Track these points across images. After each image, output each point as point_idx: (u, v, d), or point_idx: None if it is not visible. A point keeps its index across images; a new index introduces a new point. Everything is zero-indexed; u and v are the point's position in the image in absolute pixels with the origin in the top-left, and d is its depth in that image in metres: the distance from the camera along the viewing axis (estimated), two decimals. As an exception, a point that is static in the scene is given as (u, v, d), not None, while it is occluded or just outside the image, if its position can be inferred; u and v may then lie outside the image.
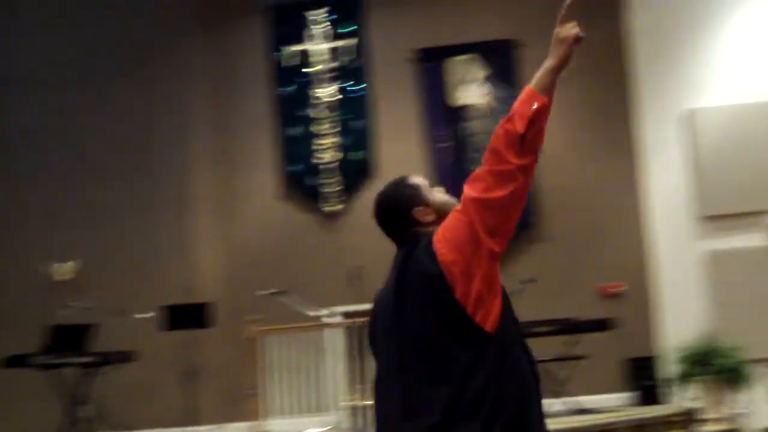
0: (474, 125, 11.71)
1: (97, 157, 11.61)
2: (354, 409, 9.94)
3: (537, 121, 3.04)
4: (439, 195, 3.34)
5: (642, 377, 10.59)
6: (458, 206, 3.05)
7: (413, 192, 3.35)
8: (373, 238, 11.63)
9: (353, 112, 11.81)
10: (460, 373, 2.89)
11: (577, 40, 3.07)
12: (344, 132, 11.79)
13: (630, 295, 11.09)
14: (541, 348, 9.65)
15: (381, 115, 11.78)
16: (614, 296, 11.05)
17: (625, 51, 11.60)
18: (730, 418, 9.51)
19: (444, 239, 2.99)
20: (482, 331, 2.95)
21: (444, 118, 11.74)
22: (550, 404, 9.58)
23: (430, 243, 3.01)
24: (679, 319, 10.75)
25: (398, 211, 3.28)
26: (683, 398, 9.98)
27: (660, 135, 11.35)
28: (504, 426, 2.88)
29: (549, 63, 3.13)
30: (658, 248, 11.12)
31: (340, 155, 11.76)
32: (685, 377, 9.94)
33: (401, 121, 11.73)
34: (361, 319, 10.06)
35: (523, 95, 3.06)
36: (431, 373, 2.93)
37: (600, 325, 9.95)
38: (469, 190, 3.02)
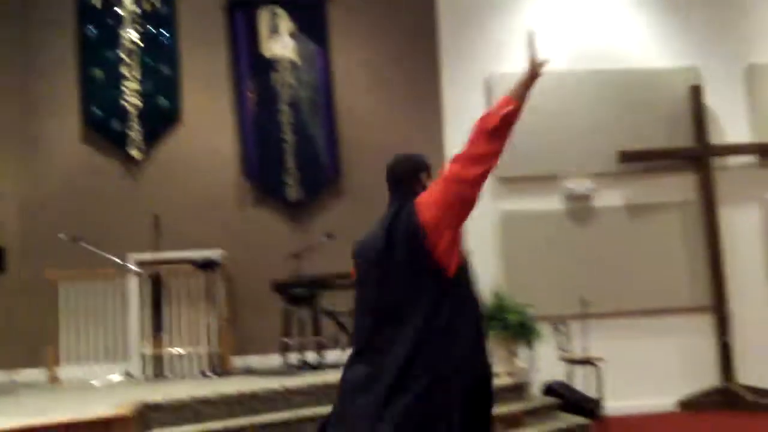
0: (281, 77, 11.69)
1: None
2: (150, 357, 9.88)
3: (509, 118, 3.93)
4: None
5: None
6: (440, 178, 3.96)
7: (426, 163, 4.38)
8: (174, 187, 11.59)
9: (160, 58, 11.58)
10: (431, 301, 3.86)
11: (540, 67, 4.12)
12: (150, 78, 11.54)
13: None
14: (341, 300, 9.90)
15: (188, 61, 11.59)
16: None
17: (434, 14, 11.87)
18: (517, 372, 9.94)
19: (425, 201, 3.95)
20: (445, 273, 3.88)
21: (252, 69, 11.67)
22: (345, 354, 9.81)
23: (413, 203, 4.00)
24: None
25: (411, 170, 4.31)
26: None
27: (464, 98, 11.69)
28: (463, 348, 3.91)
29: (524, 79, 4.05)
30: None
31: (144, 101, 11.52)
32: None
33: (208, 69, 11.60)
34: (159, 267, 10.00)
35: (501, 100, 3.94)
36: (405, 305, 3.89)
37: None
38: (450, 167, 3.93)
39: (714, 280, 11.45)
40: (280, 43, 11.75)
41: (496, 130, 3.91)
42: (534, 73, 4.08)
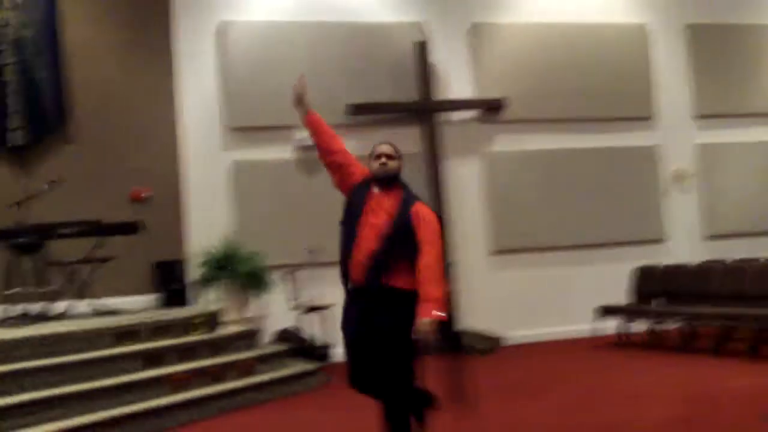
0: (1, 16, 11.09)
1: None
2: None
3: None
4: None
5: (168, 280, 10.89)
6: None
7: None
8: None
9: None
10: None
11: None
12: None
13: (159, 200, 11.24)
14: (68, 249, 9.63)
15: None
16: (143, 200, 11.14)
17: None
18: (249, 320, 10.08)
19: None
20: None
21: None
22: (74, 305, 9.61)
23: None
24: (205, 226, 11.16)
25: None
26: (207, 301, 10.41)
27: (195, 46, 11.60)
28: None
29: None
30: (188, 156, 11.41)
31: None
32: (209, 281, 10.38)
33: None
34: None
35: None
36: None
37: (127, 228, 10.04)
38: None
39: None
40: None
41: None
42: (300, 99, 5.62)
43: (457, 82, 12.56)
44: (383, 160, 5.19)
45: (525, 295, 12.37)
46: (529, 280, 12.47)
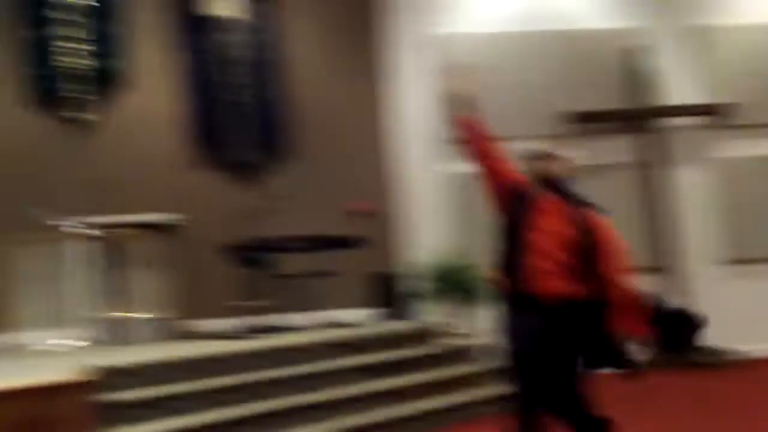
0: (227, 37, 11.61)
1: None
2: (105, 322, 9.84)
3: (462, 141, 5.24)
4: None
5: (387, 293, 11.00)
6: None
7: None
8: (124, 151, 11.41)
9: (107, 17, 11.40)
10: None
11: None
12: (97, 38, 11.35)
13: (377, 214, 11.40)
14: (291, 264, 9.90)
15: (136, 22, 11.40)
16: (362, 214, 11.34)
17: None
18: (467, 333, 10.06)
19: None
20: None
21: (200, 29, 11.56)
22: (301, 318, 9.88)
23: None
24: (425, 238, 11.24)
25: None
26: (426, 314, 10.47)
27: (406, 57, 11.72)
28: None
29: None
30: (405, 168, 11.53)
31: (91, 62, 11.36)
32: (428, 294, 10.44)
33: (156, 30, 11.42)
34: (113, 231, 9.92)
35: None
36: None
37: (349, 242, 10.21)
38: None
39: (668, 240, 11.61)
40: (228, 2, 11.65)
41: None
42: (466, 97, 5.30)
43: (678, 87, 12.13)
44: (545, 160, 4.99)
45: (761, 307, 11.80)
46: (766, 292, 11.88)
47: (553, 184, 4.93)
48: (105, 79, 11.29)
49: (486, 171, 5.08)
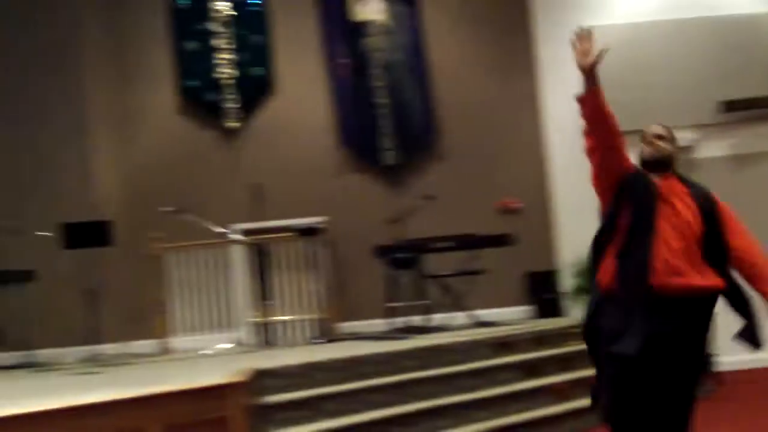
0: (373, 41, 11.66)
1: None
2: (258, 325, 10.01)
3: (584, 117, 4.61)
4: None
5: (540, 291, 10.86)
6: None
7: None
8: (271, 157, 11.62)
9: (251, 26, 11.63)
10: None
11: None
12: (242, 47, 11.60)
13: (528, 211, 11.28)
14: (442, 263, 9.86)
15: (280, 30, 11.60)
16: (513, 212, 11.23)
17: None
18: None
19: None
20: None
21: (343, 34, 11.65)
22: (451, 317, 9.82)
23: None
24: (575, 235, 10.99)
25: None
26: (579, 311, 10.27)
27: (558, 53, 11.47)
28: None
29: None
30: (555, 165, 11.33)
31: (238, 71, 11.60)
32: (582, 290, 10.22)
33: (300, 37, 11.59)
34: (263, 236, 10.08)
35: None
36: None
37: (499, 240, 10.10)
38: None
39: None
40: (371, 6, 11.70)
41: (585, 131, 4.58)
42: (586, 66, 4.65)
43: None
44: (656, 141, 4.51)
45: None
46: None
47: (662, 165, 4.46)
48: (251, 87, 11.50)
49: (606, 148, 4.41)
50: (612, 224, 4.32)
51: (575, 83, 11.13)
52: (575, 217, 11.13)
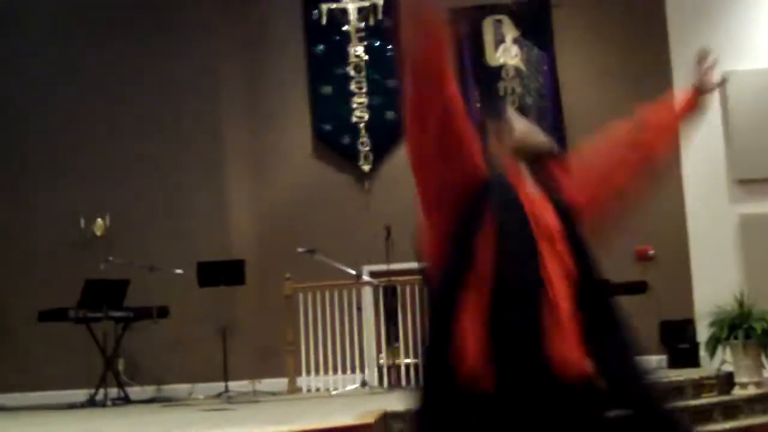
0: (507, 85, 11.62)
1: (130, 114, 11.58)
2: (386, 368, 9.98)
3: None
4: None
5: (676, 340, 10.58)
6: None
7: None
8: (401, 199, 11.64)
9: (386, 71, 11.73)
10: None
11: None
12: (377, 92, 11.72)
13: (664, 258, 11.03)
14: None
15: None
16: (648, 259, 11.00)
17: (663, 7, 11.45)
18: (762, 382, 9.46)
19: None
20: None
21: (478, 78, 11.64)
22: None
23: None
24: (713, 283, 10.67)
25: None
26: (716, 361, 9.94)
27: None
28: None
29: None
30: (693, 211, 11.05)
31: (372, 115, 11.70)
32: (719, 340, 9.89)
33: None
34: (394, 278, 10.06)
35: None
36: None
37: (635, 288, 9.90)
38: None
39: None
40: (506, 50, 11.67)
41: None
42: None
43: None
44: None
45: None
46: None
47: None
48: (383, 131, 11.57)
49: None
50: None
51: (714, 129, 10.83)
52: (711, 265, 10.82)
